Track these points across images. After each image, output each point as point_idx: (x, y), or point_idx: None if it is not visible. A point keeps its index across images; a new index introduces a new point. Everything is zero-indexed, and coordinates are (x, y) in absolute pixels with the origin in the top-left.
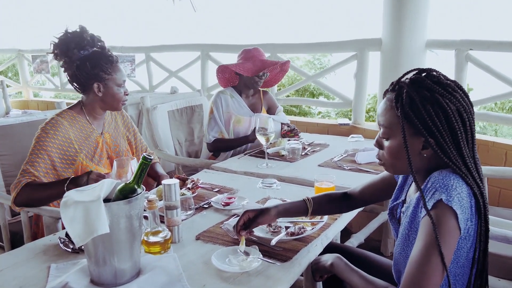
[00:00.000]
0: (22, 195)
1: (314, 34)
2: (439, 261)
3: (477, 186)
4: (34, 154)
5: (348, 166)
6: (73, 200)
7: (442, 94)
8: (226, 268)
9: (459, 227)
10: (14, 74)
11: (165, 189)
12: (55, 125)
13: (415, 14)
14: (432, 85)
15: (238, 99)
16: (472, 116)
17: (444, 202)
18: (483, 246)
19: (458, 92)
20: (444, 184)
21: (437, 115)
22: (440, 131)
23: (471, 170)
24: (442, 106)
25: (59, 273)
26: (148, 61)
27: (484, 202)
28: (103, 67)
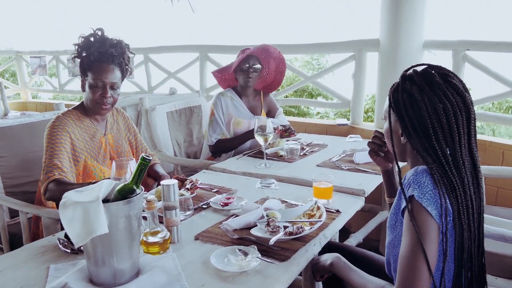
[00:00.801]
0: (55, 191)
1: (312, 35)
2: (425, 262)
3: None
4: (51, 149)
5: (346, 166)
6: (72, 200)
7: (421, 88)
8: (225, 267)
9: (438, 223)
10: (11, 75)
11: (164, 190)
12: (62, 122)
13: (413, 15)
14: (416, 78)
15: (237, 101)
16: (457, 117)
17: (415, 199)
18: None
19: (442, 90)
20: (417, 180)
21: (412, 106)
22: (412, 121)
23: (444, 165)
24: (415, 99)
25: (58, 273)
26: (147, 62)
27: (460, 198)
28: (84, 62)
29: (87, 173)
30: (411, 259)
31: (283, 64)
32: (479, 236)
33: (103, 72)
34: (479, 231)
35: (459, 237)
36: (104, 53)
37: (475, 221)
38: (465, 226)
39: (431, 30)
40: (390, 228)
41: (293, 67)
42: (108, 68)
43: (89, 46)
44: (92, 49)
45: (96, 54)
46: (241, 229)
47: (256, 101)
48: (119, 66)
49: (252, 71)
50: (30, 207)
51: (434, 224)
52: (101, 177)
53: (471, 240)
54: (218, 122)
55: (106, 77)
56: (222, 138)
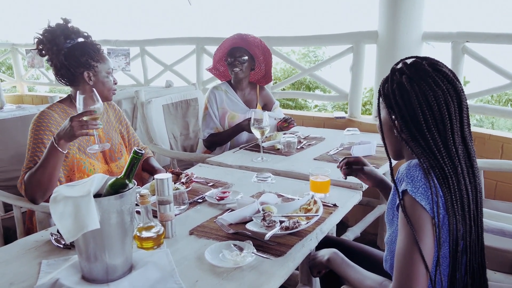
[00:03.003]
0: (28, 188)
1: (309, 27)
2: (421, 258)
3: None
4: (33, 149)
5: None
6: (63, 195)
7: (410, 77)
8: (220, 263)
9: (430, 215)
10: (7, 68)
11: (158, 184)
12: (46, 117)
13: (411, 6)
14: (405, 69)
15: (232, 94)
16: (449, 106)
17: (409, 193)
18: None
19: (432, 79)
20: (410, 174)
21: (401, 97)
22: (402, 112)
23: (435, 153)
24: (404, 89)
25: (50, 269)
26: (143, 55)
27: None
28: (91, 54)
29: (77, 167)
30: (407, 255)
31: (269, 53)
32: (477, 229)
33: (108, 60)
34: (476, 223)
35: (453, 228)
36: (95, 45)
37: (471, 212)
38: (459, 217)
39: (430, 21)
40: (388, 223)
41: (291, 60)
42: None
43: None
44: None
45: (97, 45)
46: (236, 223)
47: (252, 95)
48: None
49: (238, 63)
50: (24, 201)
51: (428, 218)
52: (91, 170)
53: (467, 232)
54: (212, 116)
55: (111, 64)
56: (215, 132)
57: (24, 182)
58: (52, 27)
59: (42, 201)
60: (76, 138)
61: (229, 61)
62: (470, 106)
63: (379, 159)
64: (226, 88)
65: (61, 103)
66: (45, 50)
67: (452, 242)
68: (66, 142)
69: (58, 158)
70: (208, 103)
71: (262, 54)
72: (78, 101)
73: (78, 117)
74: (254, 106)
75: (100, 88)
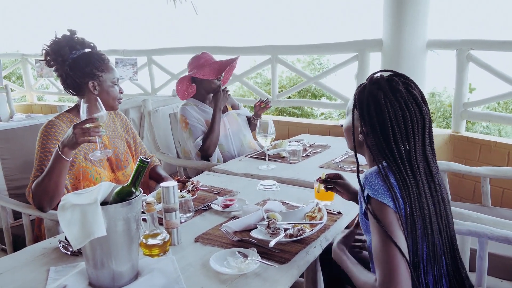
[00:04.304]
0: (35, 196)
1: (314, 36)
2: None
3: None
4: (40, 158)
5: (349, 167)
6: (70, 203)
7: (385, 94)
8: (224, 270)
9: (396, 211)
10: (17, 78)
11: (164, 192)
12: (53, 127)
13: (416, 15)
14: (383, 84)
15: (202, 105)
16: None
17: (371, 197)
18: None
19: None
20: (368, 181)
21: (375, 109)
22: (372, 122)
23: (398, 163)
24: (379, 103)
25: (58, 276)
26: (150, 64)
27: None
28: (96, 64)
29: (83, 176)
30: (384, 252)
31: (231, 72)
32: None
33: (114, 69)
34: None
35: (413, 238)
36: (100, 53)
37: (432, 224)
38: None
39: (435, 29)
40: (365, 231)
41: (296, 68)
42: (110, 65)
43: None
44: (92, 50)
45: (102, 55)
46: (241, 231)
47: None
48: None
49: (221, 79)
50: (33, 209)
51: (394, 214)
52: (97, 178)
53: (429, 242)
54: (196, 126)
55: (117, 74)
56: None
57: (31, 190)
58: (58, 39)
59: (50, 209)
60: (79, 145)
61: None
62: (476, 113)
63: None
64: (193, 103)
65: (69, 112)
66: (52, 61)
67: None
68: (70, 150)
69: (63, 165)
70: (187, 118)
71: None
72: (82, 109)
73: (81, 125)
74: (225, 109)
75: (105, 98)
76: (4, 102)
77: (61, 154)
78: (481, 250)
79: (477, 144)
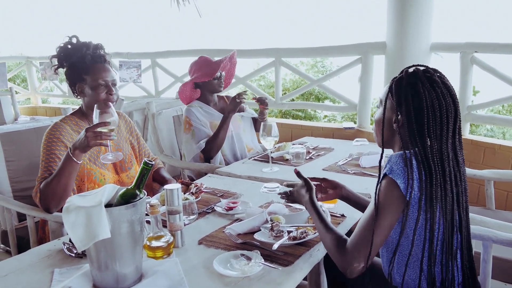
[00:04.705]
0: (43, 197)
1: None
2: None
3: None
4: (46, 160)
5: (352, 170)
6: (75, 205)
7: (424, 84)
8: (228, 272)
9: (404, 195)
10: (22, 81)
11: (168, 194)
12: (58, 129)
13: (419, 17)
14: (421, 76)
15: (207, 107)
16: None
17: (387, 174)
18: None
19: (440, 89)
20: (390, 160)
21: (412, 99)
22: (409, 111)
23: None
24: (418, 93)
25: (62, 277)
26: (154, 67)
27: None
28: (77, 67)
29: (88, 177)
30: (367, 223)
31: (235, 68)
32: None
33: (103, 72)
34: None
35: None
36: (96, 54)
37: (453, 214)
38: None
39: (439, 32)
40: None
41: (299, 71)
42: (105, 67)
43: (74, 52)
44: (79, 54)
45: (89, 57)
46: (245, 233)
47: (222, 103)
48: (110, 65)
49: (222, 78)
50: (37, 211)
51: (399, 198)
52: (101, 180)
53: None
54: (200, 128)
55: (106, 76)
56: (208, 139)
57: (39, 191)
58: (61, 46)
59: (56, 211)
60: (90, 148)
61: (218, 76)
62: (480, 116)
63: None
64: (198, 105)
65: (73, 115)
66: (58, 67)
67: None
68: (81, 153)
69: (73, 168)
70: (191, 119)
71: (231, 68)
72: (95, 113)
73: (93, 128)
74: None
75: (89, 100)
76: (9, 105)
77: (72, 157)
78: (485, 254)
79: (481, 147)
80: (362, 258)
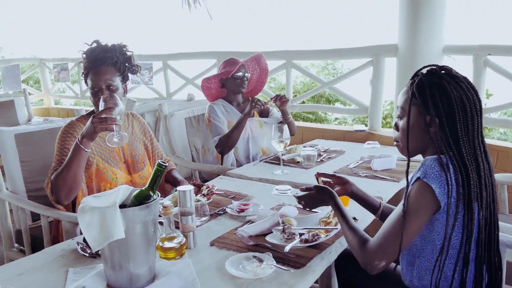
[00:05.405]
0: (53, 187)
1: (329, 41)
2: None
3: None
4: (59, 153)
5: (363, 173)
6: (89, 205)
7: (448, 81)
8: (240, 274)
9: (438, 200)
10: (35, 82)
11: (180, 196)
12: (73, 127)
13: (431, 20)
14: (442, 74)
15: (229, 107)
16: (476, 107)
17: (421, 178)
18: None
19: (464, 84)
20: (425, 164)
21: (441, 99)
22: (440, 112)
23: (462, 153)
24: (446, 91)
25: (76, 277)
26: (165, 69)
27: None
28: (85, 70)
29: (99, 176)
30: (395, 225)
31: (266, 75)
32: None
33: (96, 74)
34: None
35: (469, 225)
36: (96, 57)
37: (488, 207)
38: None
39: (451, 34)
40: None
41: (310, 73)
42: (99, 70)
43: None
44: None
45: (88, 61)
46: (256, 235)
47: (246, 104)
48: (113, 66)
49: (246, 79)
50: (51, 211)
51: (432, 203)
52: (113, 179)
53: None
54: (218, 124)
55: (99, 79)
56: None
57: (50, 181)
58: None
59: (67, 202)
60: (97, 134)
61: (239, 76)
62: (493, 119)
63: (399, 172)
64: (222, 103)
65: (88, 115)
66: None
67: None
68: (89, 140)
69: (82, 156)
70: (211, 116)
71: (259, 74)
72: (100, 102)
73: (98, 115)
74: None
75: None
76: (23, 106)
77: (80, 145)
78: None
79: (494, 151)
80: (386, 257)
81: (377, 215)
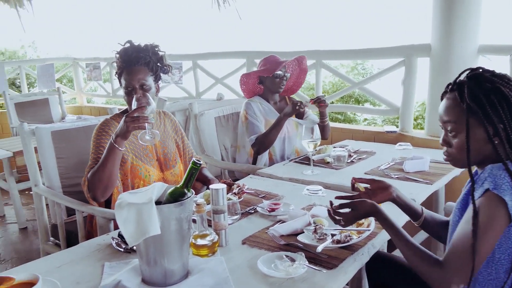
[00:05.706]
0: (90, 185)
1: (359, 40)
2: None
3: None
4: (95, 152)
5: (395, 175)
6: (126, 202)
7: (502, 84)
8: (272, 273)
9: (510, 214)
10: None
11: (213, 194)
12: (108, 125)
13: (466, 18)
14: (491, 77)
15: (266, 105)
16: None
17: (491, 191)
18: None
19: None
20: (493, 174)
21: (500, 104)
22: (502, 118)
23: None
24: (504, 95)
25: (112, 271)
26: (195, 68)
27: None
28: (117, 69)
29: (133, 173)
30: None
31: (304, 77)
32: None
33: (130, 74)
34: None
35: None
36: (129, 57)
37: None
38: None
39: (487, 34)
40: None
41: (340, 73)
42: (133, 70)
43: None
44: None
45: (122, 61)
46: (287, 235)
47: (283, 103)
48: (146, 66)
49: (285, 79)
50: (86, 206)
51: (503, 218)
52: (146, 176)
53: None
54: (254, 122)
55: (132, 79)
56: (259, 135)
57: (87, 179)
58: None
59: (103, 199)
60: (130, 133)
61: (280, 75)
62: None
63: (432, 174)
64: (259, 101)
65: (122, 114)
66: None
67: None
68: (122, 139)
69: (116, 155)
70: (248, 113)
71: (298, 75)
72: (133, 101)
73: (131, 114)
74: None
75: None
76: (56, 104)
77: (114, 144)
78: None
79: None
80: (464, 277)
81: (418, 222)
